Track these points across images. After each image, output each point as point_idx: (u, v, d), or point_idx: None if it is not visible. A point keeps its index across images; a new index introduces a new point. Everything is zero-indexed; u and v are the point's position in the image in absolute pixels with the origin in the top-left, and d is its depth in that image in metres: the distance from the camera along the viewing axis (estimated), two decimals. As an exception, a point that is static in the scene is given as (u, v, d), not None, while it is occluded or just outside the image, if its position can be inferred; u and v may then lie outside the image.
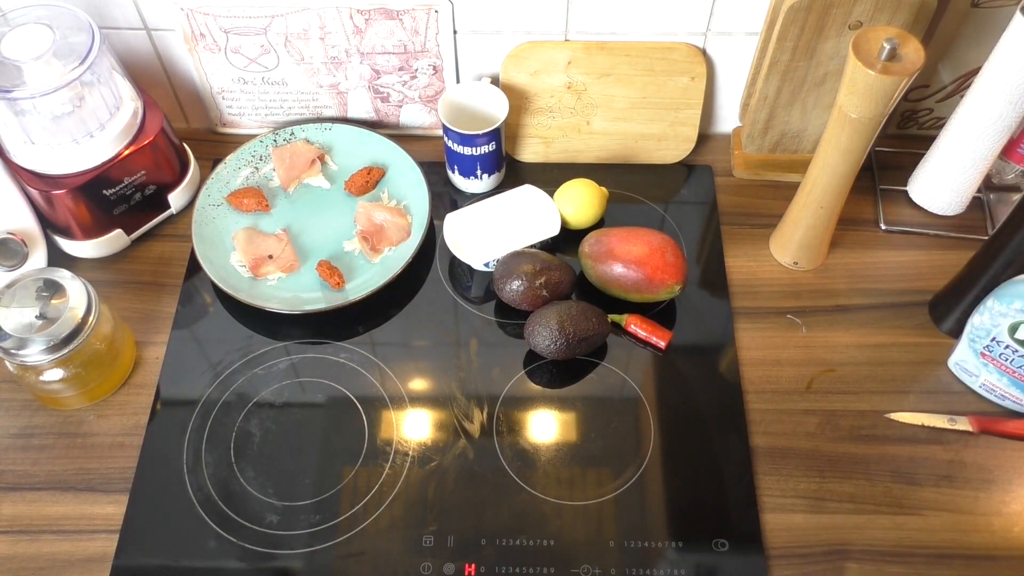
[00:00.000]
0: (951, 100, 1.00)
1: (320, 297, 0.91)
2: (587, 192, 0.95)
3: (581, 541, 0.77)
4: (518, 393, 0.86)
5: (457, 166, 0.99)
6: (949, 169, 0.94)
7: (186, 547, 0.77)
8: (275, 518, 0.79)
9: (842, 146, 0.80)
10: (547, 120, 1.02)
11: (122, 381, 0.87)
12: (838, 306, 0.92)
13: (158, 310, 0.92)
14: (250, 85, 1.02)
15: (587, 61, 0.98)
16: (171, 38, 0.98)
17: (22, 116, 0.85)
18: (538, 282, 0.86)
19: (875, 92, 0.74)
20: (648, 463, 0.81)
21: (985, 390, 0.85)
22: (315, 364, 0.88)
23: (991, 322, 0.79)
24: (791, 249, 0.94)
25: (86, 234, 0.93)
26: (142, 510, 0.79)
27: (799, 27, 0.86)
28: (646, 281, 0.87)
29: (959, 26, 0.91)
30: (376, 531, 0.78)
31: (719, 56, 0.99)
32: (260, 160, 1.02)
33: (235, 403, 0.86)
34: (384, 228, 0.96)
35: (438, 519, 0.78)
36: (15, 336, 0.77)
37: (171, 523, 0.78)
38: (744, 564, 0.76)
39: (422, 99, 1.04)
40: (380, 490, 0.80)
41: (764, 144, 1.01)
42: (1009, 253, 0.79)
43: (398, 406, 0.85)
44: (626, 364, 0.88)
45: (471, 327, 0.91)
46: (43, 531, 0.78)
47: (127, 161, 0.91)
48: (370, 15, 0.94)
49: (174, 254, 0.97)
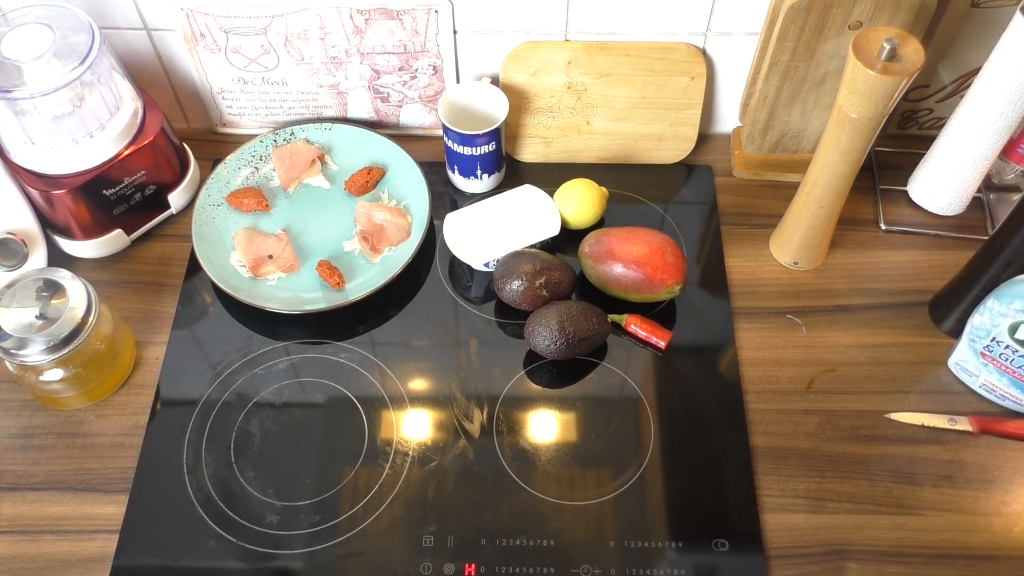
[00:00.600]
0: (951, 100, 1.00)
1: (320, 297, 0.91)
2: (587, 192, 0.95)
3: (581, 541, 0.77)
4: (518, 393, 0.86)
5: (457, 166, 0.99)
6: (949, 169, 0.94)
7: (186, 547, 0.77)
8: (275, 518, 0.79)
9: (842, 146, 0.80)
10: (547, 120, 1.02)
11: (122, 381, 0.87)
12: (838, 306, 0.92)
13: (158, 310, 0.92)
14: (250, 85, 1.02)
15: (587, 61, 0.98)
16: (171, 38, 0.98)
17: (22, 116, 0.85)
18: (538, 282, 0.86)
19: (875, 92, 0.74)
20: (648, 463, 0.81)
21: (985, 390, 0.85)
22: (315, 364, 0.88)
23: (991, 322, 0.79)
24: (791, 249, 0.94)
25: (86, 234, 0.93)
26: (142, 510, 0.79)
27: (799, 27, 0.86)
28: (646, 281, 0.87)
29: (959, 26, 0.91)
30: (376, 531, 0.78)
31: (719, 56, 0.99)
32: (260, 160, 1.02)
33: (235, 403, 0.86)
34: (384, 228, 0.96)
35: (438, 519, 0.78)
36: (15, 336, 0.77)
37: (171, 523, 0.78)
38: (744, 564, 0.76)
39: (422, 99, 1.04)
40: (380, 490, 0.80)
41: (764, 144, 1.01)
42: (1009, 253, 0.79)
43: (398, 406, 0.85)
44: (626, 364, 0.88)
45: (471, 327, 0.91)
46: (43, 531, 0.78)
47: (127, 161, 0.91)
48: (370, 15, 0.94)
49: (174, 254, 0.97)
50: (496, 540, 0.77)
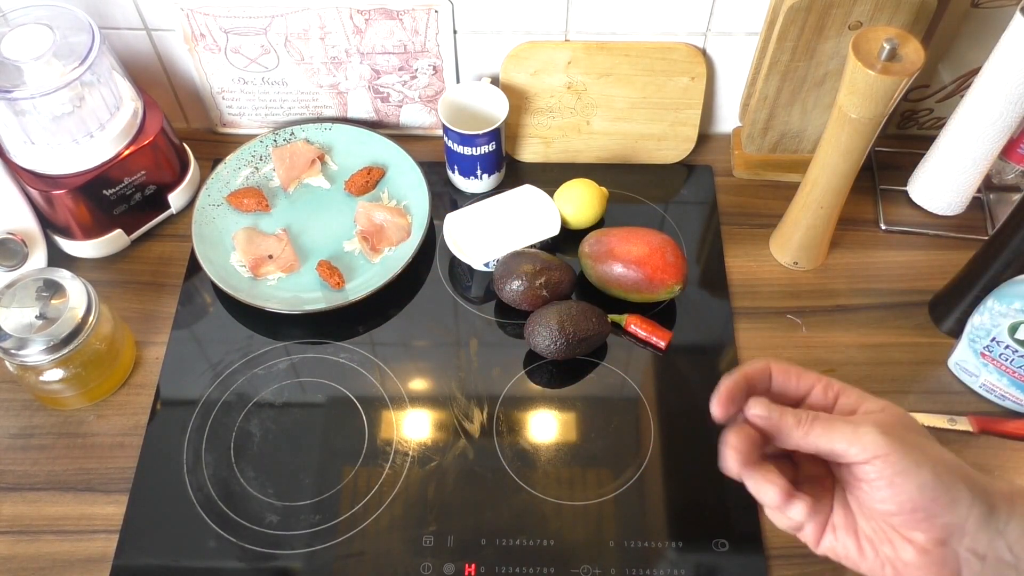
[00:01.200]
0: (951, 100, 1.00)
1: (320, 297, 0.91)
2: (587, 192, 0.95)
3: (581, 541, 0.77)
4: (518, 393, 0.86)
5: (457, 166, 0.99)
6: (949, 169, 0.94)
7: (186, 547, 0.77)
8: (275, 518, 0.79)
9: (842, 146, 0.80)
10: (547, 120, 1.02)
11: (122, 381, 0.87)
12: (838, 306, 0.92)
13: (158, 310, 0.92)
14: (250, 85, 1.02)
15: (587, 61, 0.98)
16: (171, 38, 0.98)
17: (22, 116, 0.85)
18: (538, 282, 0.86)
19: (875, 92, 0.74)
20: (648, 463, 0.81)
21: (985, 390, 0.85)
22: (315, 364, 0.88)
23: (991, 322, 0.79)
24: (791, 249, 0.94)
25: (86, 234, 0.93)
26: (142, 510, 0.79)
27: (799, 27, 0.86)
28: (646, 281, 0.87)
29: (959, 26, 0.91)
30: (376, 531, 0.78)
31: (719, 56, 0.99)
32: (260, 160, 1.02)
33: (235, 403, 0.86)
34: (384, 228, 0.96)
35: (438, 519, 0.78)
36: (15, 336, 0.77)
37: (171, 523, 0.78)
38: (744, 564, 0.76)
39: (422, 99, 1.04)
40: (380, 490, 0.80)
41: (764, 144, 1.01)
42: (1009, 253, 0.79)
43: (398, 406, 0.85)
44: (626, 364, 0.88)
45: (471, 327, 0.91)
46: (43, 531, 0.78)
47: (127, 161, 0.91)
48: (370, 15, 0.94)
49: (174, 254, 0.97)
50: (496, 540, 0.77)
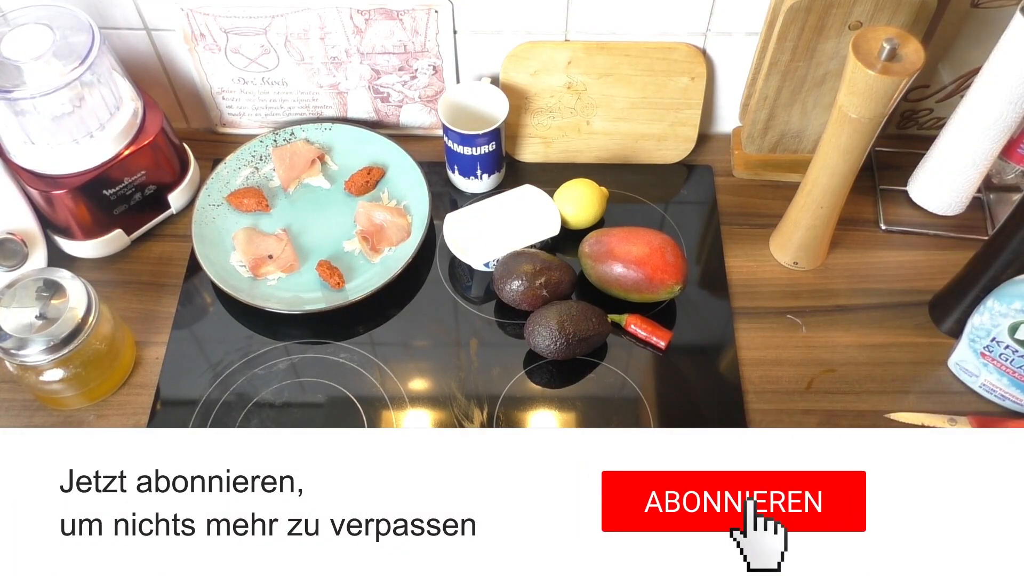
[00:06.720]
0: (951, 100, 1.00)
1: (320, 297, 0.91)
2: (587, 192, 0.95)
3: (581, 541, 0.77)
4: (518, 393, 0.86)
5: (457, 166, 0.99)
6: (949, 169, 0.94)
7: (186, 547, 0.77)
8: (275, 518, 0.78)
9: (842, 146, 0.80)
10: (547, 120, 1.02)
11: (122, 381, 0.87)
12: (838, 306, 0.92)
13: (158, 310, 0.92)
14: (250, 85, 1.02)
15: (587, 61, 0.98)
16: (171, 38, 0.98)
17: (22, 116, 0.85)
18: (538, 282, 0.86)
19: (875, 92, 0.74)
20: (648, 463, 0.81)
21: (985, 390, 0.85)
22: (315, 364, 0.88)
23: (991, 322, 0.79)
24: (791, 249, 0.94)
25: (86, 234, 0.93)
26: (142, 510, 0.79)
27: (799, 27, 0.86)
28: (646, 281, 0.87)
29: (959, 26, 0.91)
30: (376, 531, 0.78)
31: (719, 56, 0.99)
32: (260, 160, 1.02)
33: (235, 403, 0.86)
34: (384, 228, 0.96)
35: (438, 519, 0.78)
36: (15, 336, 0.77)
37: (171, 523, 0.78)
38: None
39: (422, 99, 1.04)
40: (380, 490, 0.80)
41: (764, 144, 1.01)
42: (1009, 253, 0.79)
43: (398, 406, 0.85)
44: (626, 364, 0.88)
45: (471, 327, 0.91)
46: (43, 531, 0.78)
47: (127, 161, 0.91)
48: (370, 15, 0.94)
49: (174, 254, 0.97)
50: (496, 540, 0.77)
